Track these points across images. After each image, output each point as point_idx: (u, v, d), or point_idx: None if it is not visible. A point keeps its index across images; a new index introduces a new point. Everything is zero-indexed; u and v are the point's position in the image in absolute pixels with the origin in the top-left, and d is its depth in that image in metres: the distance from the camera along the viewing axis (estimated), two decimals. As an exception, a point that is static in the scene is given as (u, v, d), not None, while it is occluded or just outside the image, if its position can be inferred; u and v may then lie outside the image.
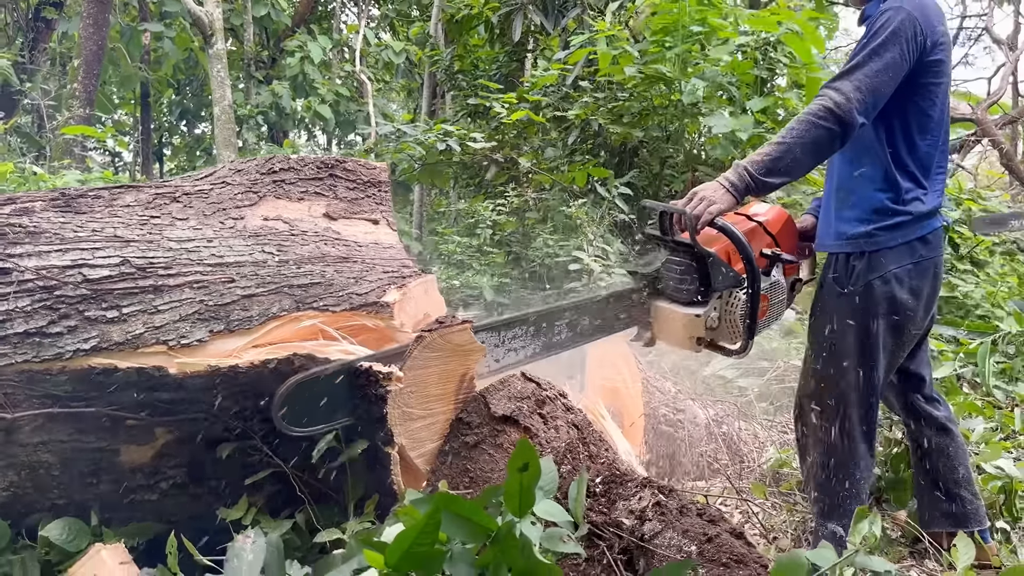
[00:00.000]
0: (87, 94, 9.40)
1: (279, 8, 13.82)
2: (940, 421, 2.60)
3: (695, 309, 2.31)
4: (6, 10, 13.09)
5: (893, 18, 2.17)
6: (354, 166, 2.67)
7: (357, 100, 14.33)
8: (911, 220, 2.30)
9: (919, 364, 2.61)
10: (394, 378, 1.93)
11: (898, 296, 2.30)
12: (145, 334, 1.96)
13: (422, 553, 1.32)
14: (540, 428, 2.10)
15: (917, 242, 2.31)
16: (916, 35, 2.16)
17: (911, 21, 2.16)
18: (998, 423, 3.53)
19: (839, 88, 2.14)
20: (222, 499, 2.20)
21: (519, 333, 2.28)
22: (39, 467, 2.00)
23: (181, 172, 18.08)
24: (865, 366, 2.33)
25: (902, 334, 2.35)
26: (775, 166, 2.17)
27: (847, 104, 2.12)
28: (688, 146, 6.04)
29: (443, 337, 2.01)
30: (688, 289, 2.32)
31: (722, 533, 1.76)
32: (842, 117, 2.12)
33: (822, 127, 2.13)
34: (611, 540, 1.82)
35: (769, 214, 2.49)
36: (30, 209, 2.22)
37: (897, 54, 2.15)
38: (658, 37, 6.13)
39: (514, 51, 8.20)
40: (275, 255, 2.24)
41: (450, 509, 1.31)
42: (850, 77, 2.15)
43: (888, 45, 2.15)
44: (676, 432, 3.22)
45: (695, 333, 2.33)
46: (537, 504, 1.56)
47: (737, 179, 2.18)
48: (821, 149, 2.19)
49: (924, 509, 2.66)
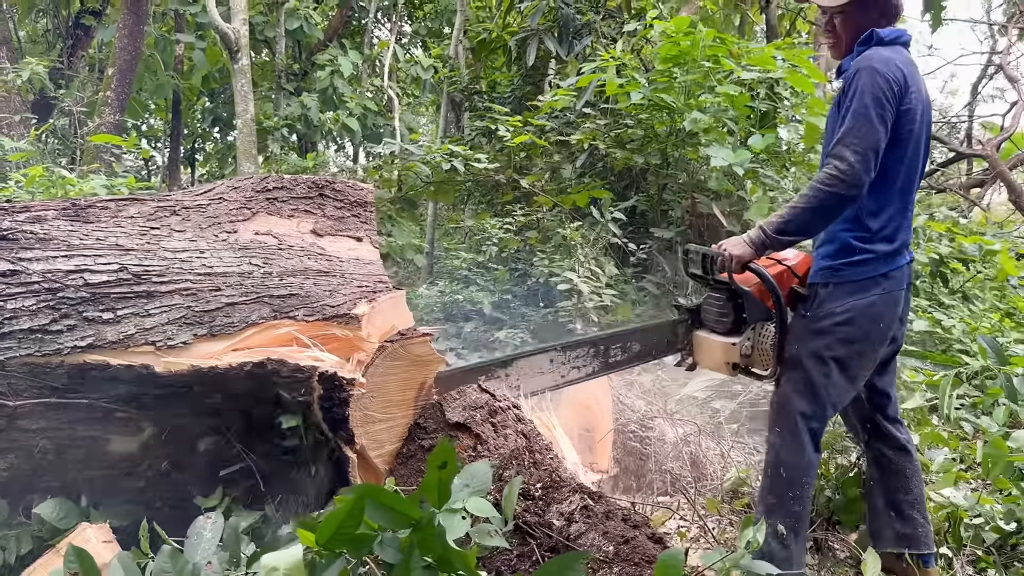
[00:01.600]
0: (119, 101, 9.75)
1: (312, 22, 14.16)
2: (900, 442, 2.75)
3: (731, 338, 2.68)
4: (47, 16, 13.57)
5: (861, 76, 2.38)
6: (342, 187, 2.88)
7: (384, 114, 14.63)
8: (875, 258, 2.50)
9: (886, 384, 2.77)
10: (356, 383, 2.13)
11: (855, 324, 2.49)
12: (136, 335, 2.17)
13: (350, 535, 1.51)
14: (490, 435, 2.29)
15: (880, 277, 2.50)
16: (890, 85, 2.36)
17: (880, 75, 2.36)
18: (960, 454, 3.65)
19: (839, 155, 2.36)
20: (201, 488, 2.40)
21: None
22: (37, 451, 2.22)
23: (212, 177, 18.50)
24: (820, 384, 2.52)
25: (858, 358, 2.53)
26: (786, 227, 2.45)
27: (850, 169, 2.33)
28: (688, 174, 6.22)
29: (404, 348, 2.20)
30: (725, 321, 2.70)
31: (640, 536, 1.94)
32: (847, 181, 2.34)
33: (829, 193, 2.36)
34: (542, 539, 2.01)
35: (796, 259, 2.80)
36: (43, 217, 2.46)
37: (877, 107, 2.35)
38: (666, 66, 6.32)
39: (529, 75, 8.43)
40: (260, 267, 2.45)
41: (374, 499, 1.50)
42: (845, 142, 2.36)
43: (865, 102, 2.35)
44: (644, 448, 3.38)
45: (731, 359, 2.68)
46: (468, 501, 1.75)
47: (756, 236, 2.51)
48: (829, 212, 2.42)
49: (876, 529, 2.79)
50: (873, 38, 2.52)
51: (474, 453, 2.25)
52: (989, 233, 7.83)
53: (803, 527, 2.53)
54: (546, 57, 8.40)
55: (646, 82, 6.25)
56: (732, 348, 2.65)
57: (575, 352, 2.81)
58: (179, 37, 12.97)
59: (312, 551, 1.50)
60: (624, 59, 6.52)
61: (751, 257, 2.52)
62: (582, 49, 7.95)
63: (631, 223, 6.63)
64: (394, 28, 15.46)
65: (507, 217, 7.10)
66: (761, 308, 2.63)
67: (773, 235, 2.46)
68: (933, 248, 5.54)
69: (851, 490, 3.05)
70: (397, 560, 1.53)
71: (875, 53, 2.44)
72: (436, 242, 8.95)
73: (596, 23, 8.01)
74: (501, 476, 2.15)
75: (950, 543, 2.98)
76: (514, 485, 1.94)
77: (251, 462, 2.35)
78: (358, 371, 2.18)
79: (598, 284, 5.30)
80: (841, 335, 2.50)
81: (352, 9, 15.58)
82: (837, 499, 3.06)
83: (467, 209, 8.97)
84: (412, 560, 1.52)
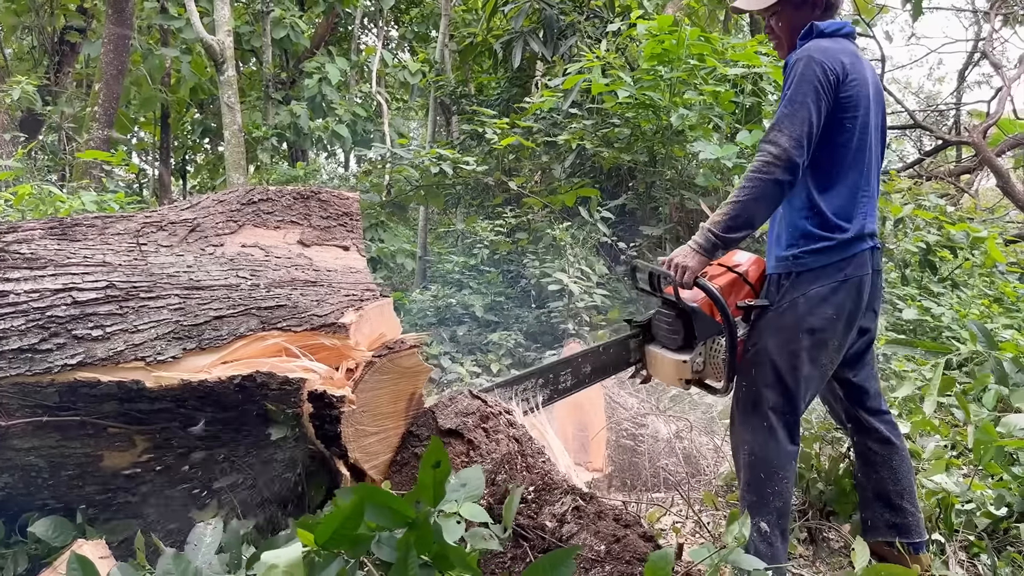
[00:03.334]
0: (107, 116, 9.76)
1: (298, 30, 14.18)
2: (883, 433, 2.76)
3: (682, 355, 2.65)
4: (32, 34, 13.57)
5: (798, 65, 2.43)
6: (328, 197, 2.90)
7: (374, 120, 14.65)
8: (835, 245, 2.51)
9: (863, 378, 2.77)
10: (347, 400, 2.14)
11: (818, 312, 2.50)
12: (125, 351, 2.18)
13: (349, 535, 1.52)
14: (482, 440, 2.31)
15: (841, 262, 2.51)
16: (826, 73, 2.40)
17: (816, 63, 2.40)
18: (951, 441, 3.67)
19: (773, 140, 2.39)
20: (196, 500, 2.41)
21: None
22: (30, 470, 2.23)
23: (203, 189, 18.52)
24: (788, 375, 2.52)
25: (824, 347, 2.52)
26: (734, 223, 2.44)
27: (784, 153, 2.36)
28: (675, 172, 6.25)
29: (392, 362, 2.22)
30: (675, 338, 2.66)
31: (631, 535, 1.95)
32: (782, 166, 2.36)
33: (767, 179, 2.38)
34: (535, 541, 2.03)
35: (748, 264, 2.77)
36: (29, 238, 2.48)
37: (812, 93, 2.38)
38: (651, 64, 6.35)
39: (516, 77, 8.45)
40: (248, 279, 2.47)
41: (372, 500, 1.52)
42: (779, 128, 2.40)
43: (801, 89, 2.39)
44: (637, 446, 3.40)
45: (683, 375, 2.66)
46: (462, 507, 1.78)
47: (704, 240, 2.48)
48: (771, 198, 2.43)
49: (867, 518, 2.82)
50: (813, 31, 2.56)
51: (467, 459, 2.27)
52: (979, 220, 7.87)
53: (786, 521, 2.53)
54: (532, 59, 8.43)
55: (631, 80, 6.28)
56: (683, 365, 2.62)
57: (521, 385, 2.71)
58: (163, 51, 12.97)
59: (311, 550, 1.52)
60: (609, 58, 6.55)
61: (704, 264, 2.51)
62: (567, 49, 7.98)
63: (620, 222, 6.67)
64: (380, 33, 15.48)
65: (497, 219, 7.13)
66: (711, 323, 2.59)
67: (723, 234, 2.45)
68: (921, 237, 5.57)
69: (843, 481, 3.07)
70: (393, 559, 1.55)
71: (814, 44, 2.48)
72: (428, 246, 8.97)
73: (580, 23, 8.04)
74: (494, 480, 2.17)
75: (942, 529, 3.00)
76: (515, 495, 1.96)
77: (243, 473, 2.36)
78: (348, 383, 2.20)
79: (588, 284, 5.32)
80: (806, 325, 2.51)
81: (338, 16, 15.60)
82: (830, 490, 3.08)
83: (458, 212, 9.00)
84: (409, 559, 1.54)
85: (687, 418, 3.58)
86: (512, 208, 7.16)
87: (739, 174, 5.74)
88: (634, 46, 7.40)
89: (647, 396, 3.81)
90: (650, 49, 6.31)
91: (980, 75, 19.14)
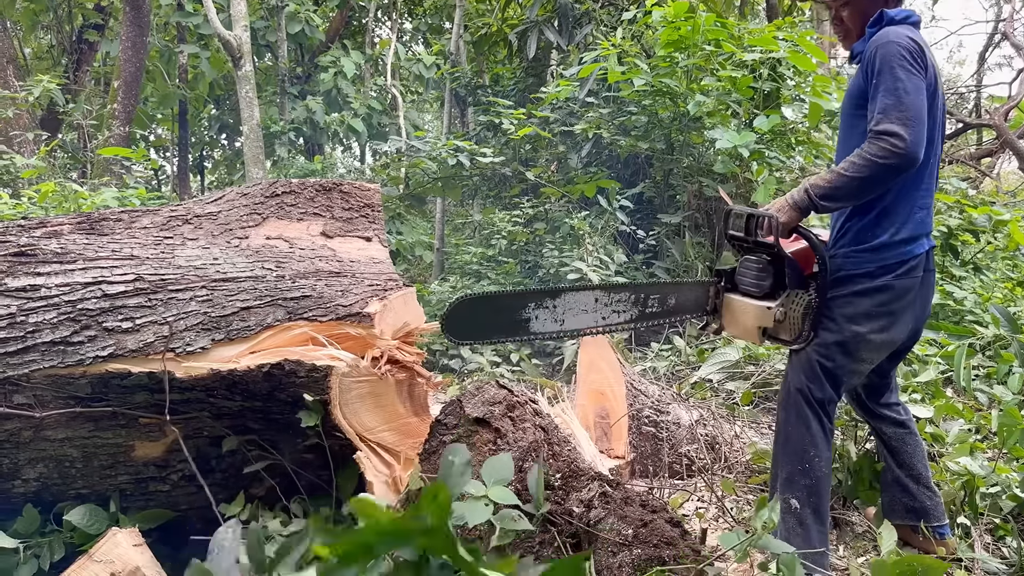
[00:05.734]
0: (126, 113, 9.86)
1: (313, 24, 14.23)
2: (897, 420, 2.78)
3: (767, 302, 2.59)
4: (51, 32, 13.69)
5: (888, 51, 2.31)
6: (350, 189, 2.92)
7: (389, 113, 14.69)
8: (884, 246, 2.44)
9: (890, 373, 2.77)
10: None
11: (860, 315, 2.46)
12: (155, 342, 2.22)
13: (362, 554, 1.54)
14: (509, 429, 2.32)
15: (893, 266, 2.44)
16: (916, 56, 2.31)
17: (905, 47, 2.30)
18: (976, 425, 3.66)
19: (890, 132, 2.24)
20: (227, 489, 2.45)
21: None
22: (64, 460, 2.28)
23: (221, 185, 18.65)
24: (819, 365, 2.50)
25: (866, 345, 2.48)
26: (834, 194, 2.36)
27: (904, 144, 2.22)
28: (693, 159, 6.23)
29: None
30: (764, 284, 2.60)
31: (657, 520, 1.97)
32: (904, 155, 2.23)
33: (885, 165, 2.25)
34: (563, 526, 2.05)
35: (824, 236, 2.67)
36: (59, 232, 2.52)
37: (914, 77, 2.29)
38: (667, 51, 6.32)
39: (531, 67, 8.45)
40: (273, 271, 2.50)
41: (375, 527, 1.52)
42: (892, 118, 2.26)
43: (901, 73, 2.28)
44: (659, 432, 3.41)
45: (764, 323, 2.60)
46: (491, 490, 1.80)
47: (800, 199, 2.41)
48: (880, 183, 2.32)
49: (887, 502, 2.83)
50: (884, 18, 2.47)
51: (494, 447, 2.29)
52: (1001, 203, 7.79)
53: (821, 503, 2.50)
54: (547, 48, 8.42)
55: (648, 68, 6.26)
56: (767, 312, 2.56)
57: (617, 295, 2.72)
58: (182, 47, 13.06)
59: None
60: (625, 46, 6.53)
61: (796, 221, 2.46)
62: (583, 38, 7.96)
63: (638, 210, 6.66)
64: (394, 26, 15.49)
65: (515, 210, 7.14)
66: (800, 274, 2.56)
67: (819, 200, 2.38)
68: (942, 221, 5.52)
69: (867, 467, 3.07)
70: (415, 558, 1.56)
71: (890, 30, 2.39)
72: (445, 238, 9.00)
73: (595, 11, 8.02)
74: (521, 468, 2.19)
75: (967, 512, 3.00)
76: (538, 474, 1.98)
77: (273, 461, 2.40)
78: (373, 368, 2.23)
79: (608, 272, 5.32)
80: (845, 322, 2.47)
81: (352, 9, 15.62)
82: (852, 476, 3.08)
83: (475, 204, 9.01)
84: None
85: (710, 407, 3.58)
86: (529, 198, 7.17)
87: (757, 160, 5.72)
88: (650, 33, 7.38)
89: (670, 382, 3.81)
90: (666, 36, 6.28)
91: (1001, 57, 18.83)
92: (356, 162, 20.17)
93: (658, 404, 3.50)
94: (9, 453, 2.19)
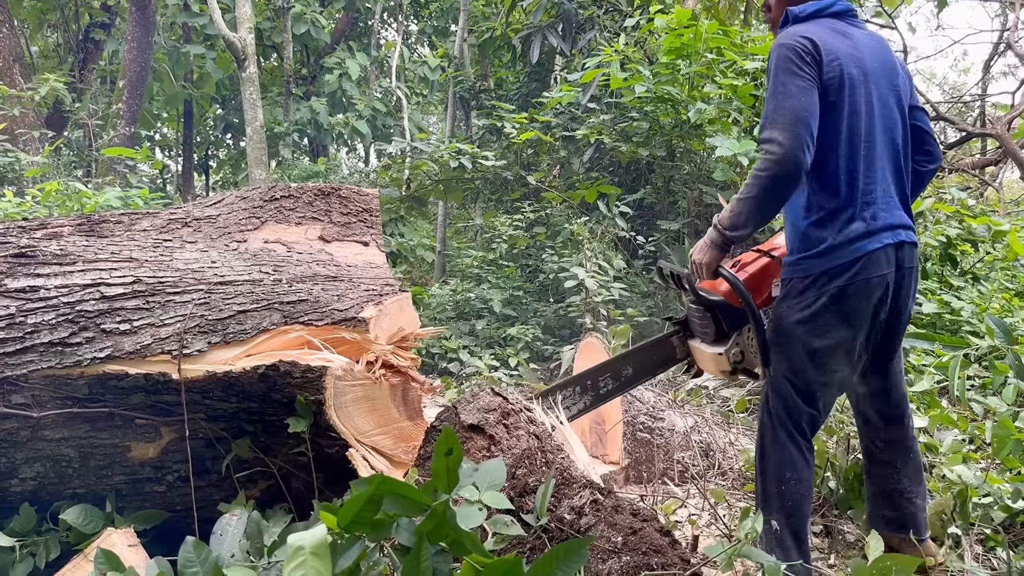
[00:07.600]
0: (131, 113, 9.90)
1: (319, 25, 14.27)
2: (891, 432, 2.74)
3: (718, 348, 2.62)
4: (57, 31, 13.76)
5: (775, 54, 2.29)
6: (348, 193, 2.95)
7: (394, 114, 14.74)
8: (835, 245, 2.33)
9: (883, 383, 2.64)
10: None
11: (818, 322, 2.36)
12: (152, 344, 2.24)
13: (369, 519, 1.57)
14: (503, 436, 2.34)
15: (849, 264, 2.33)
16: (803, 55, 2.26)
17: (790, 48, 2.26)
18: (970, 435, 3.67)
19: (769, 139, 2.23)
20: (221, 491, 2.48)
21: None
22: (61, 460, 2.30)
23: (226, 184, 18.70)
24: (785, 380, 2.43)
25: (831, 354, 2.39)
26: (739, 220, 2.33)
27: (781, 149, 2.19)
28: (693, 166, 6.25)
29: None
30: (708, 332, 2.64)
31: (647, 528, 1.99)
32: (782, 162, 2.19)
33: (768, 177, 2.23)
34: (554, 532, 2.07)
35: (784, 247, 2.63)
36: (59, 233, 2.55)
37: (796, 79, 2.24)
38: (669, 59, 6.34)
39: (534, 72, 8.48)
40: (270, 275, 2.52)
41: (389, 489, 1.56)
42: (770, 124, 2.25)
43: (783, 77, 2.25)
44: (654, 439, 3.43)
45: (722, 368, 2.64)
46: (484, 494, 1.82)
47: (714, 236, 2.41)
48: (774, 197, 2.29)
49: (871, 512, 2.80)
50: (789, 19, 2.44)
51: (488, 454, 2.30)
52: (1004, 212, 7.80)
53: (799, 523, 2.40)
54: (550, 53, 8.45)
55: (650, 75, 6.28)
56: (720, 358, 2.58)
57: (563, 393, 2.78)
58: (188, 48, 13.11)
59: (334, 533, 1.56)
60: (627, 52, 6.56)
61: (719, 259, 2.42)
62: (586, 44, 7.99)
63: (638, 216, 6.68)
64: (400, 28, 15.54)
65: (516, 214, 7.16)
66: (738, 313, 2.52)
67: (728, 232, 2.35)
68: (941, 230, 5.52)
69: (858, 476, 3.08)
70: (411, 544, 1.59)
71: (784, 32, 2.35)
72: (447, 241, 9.03)
73: (598, 17, 8.05)
74: (514, 475, 2.21)
75: (959, 522, 3.01)
76: (548, 485, 2.00)
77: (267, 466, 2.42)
78: (368, 372, 2.25)
79: (606, 278, 5.34)
80: (804, 332, 2.37)
81: (358, 11, 15.67)
82: (843, 485, 3.09)
83: (476, 207, 9.05)
84: (423, 547, 1.58)
85: (703, 414, 3.60)
86: (530, 203, 7.19)
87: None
88: (653, 40, 7.40)
89: (665, 389, 3.83)
90: (669, 43, 6.30)
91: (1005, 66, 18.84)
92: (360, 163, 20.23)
93: (653, 410, 3.52)
94: (6, 452, 2.21)
